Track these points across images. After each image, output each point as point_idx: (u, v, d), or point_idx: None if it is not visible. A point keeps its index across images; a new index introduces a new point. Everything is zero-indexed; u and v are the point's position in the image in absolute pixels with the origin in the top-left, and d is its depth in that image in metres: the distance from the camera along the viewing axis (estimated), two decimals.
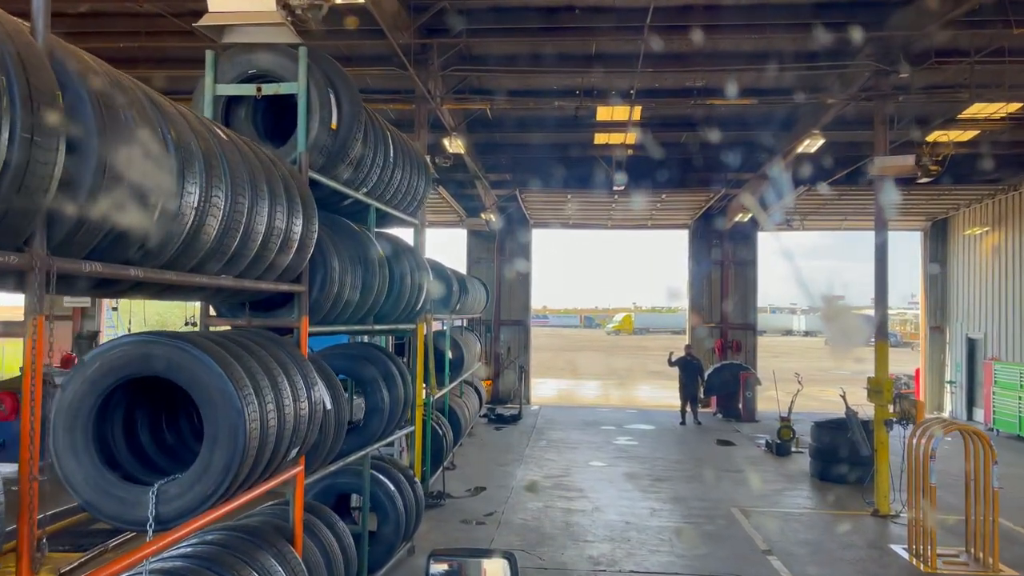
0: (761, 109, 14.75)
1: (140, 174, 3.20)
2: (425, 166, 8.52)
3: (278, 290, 5.06)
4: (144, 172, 3.24)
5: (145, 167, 3.25)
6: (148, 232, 3.40)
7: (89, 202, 2.94)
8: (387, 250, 7.36)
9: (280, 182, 4.77)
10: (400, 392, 7.53)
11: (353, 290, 6.25)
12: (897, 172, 10.77)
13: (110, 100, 3.13)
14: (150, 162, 3.30)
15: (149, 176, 3.30)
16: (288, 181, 4.97)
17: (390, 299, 7.32)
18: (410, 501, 7.96)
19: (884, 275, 11.34)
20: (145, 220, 3.34)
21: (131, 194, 3.17)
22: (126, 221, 3.19)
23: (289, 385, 4.88)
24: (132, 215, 3.21)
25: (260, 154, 4.77)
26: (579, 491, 11.89)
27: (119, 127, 3.13)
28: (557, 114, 15.45)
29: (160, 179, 3.44)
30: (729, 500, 11.47)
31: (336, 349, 7.57)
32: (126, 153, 3.09)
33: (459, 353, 14.69)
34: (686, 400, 19.57)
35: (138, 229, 3.31)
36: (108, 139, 3.02)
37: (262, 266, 4.65)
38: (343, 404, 5.99)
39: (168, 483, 4.17)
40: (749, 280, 22.90)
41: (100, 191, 2.98)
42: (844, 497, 11.68)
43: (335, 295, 5.91)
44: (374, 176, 6.87)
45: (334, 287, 5.86)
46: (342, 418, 6.02)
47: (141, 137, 3.25)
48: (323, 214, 6.77)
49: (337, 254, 5.97)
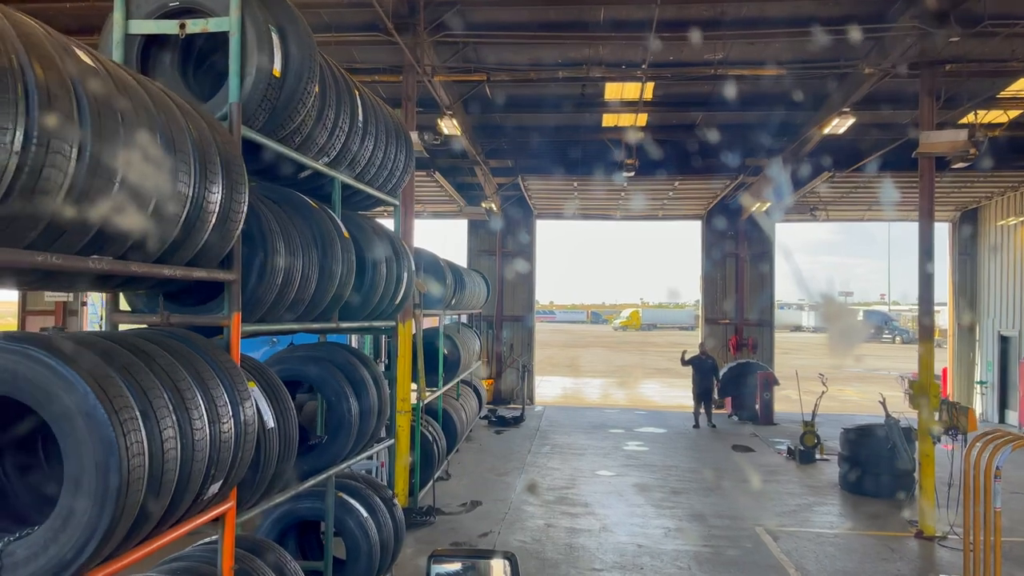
0: (785, 86, 13.47)
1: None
2: (406, 137, 7.33)
3: (190, 277, 3.89)
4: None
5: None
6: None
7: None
8: (357, 233, 6.19)
9: (187, 134, 3.59)
10: (373, 401, 6.36)
11: (306, 280, 5.08)
12: (947, 150, 9.53)
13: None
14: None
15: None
16: (204, 135, 3.80)
17: (361, 291, 6.16)
18: (387, 528, 6.80)
19: (928, 269, 10.09)
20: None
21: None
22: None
23: (205, 402, 3.73)
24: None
25: (160, 100, 3.59)
26: (585, 506, 10.71)
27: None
28: (562, 92, 14.26)
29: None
30: (753, 517, 10.28)
31: (296, 351, 6.41)
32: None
33: (455, 352, 13.52)
34: (700, 402, 18.33)
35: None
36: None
37: (160, 245, 3.48)
38: (292, 420, 4.83)
39: (15, 542, 3.02)
40: (765, 274, 21.63)
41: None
42: (881, 514, 10.47)
43: (280, 285, 4.73)
44: (337, 142, 5.69)
45: (278, 275, 4.68)
46: (291, 436, 4.85)
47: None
48: (271, 187, 5.64)
49: (284, 235, 4.80)
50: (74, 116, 2.73)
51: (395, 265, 6.69)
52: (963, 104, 12.83)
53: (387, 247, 6.69)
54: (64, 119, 2.66)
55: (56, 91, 2.65)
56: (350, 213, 6.45)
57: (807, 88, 13.89)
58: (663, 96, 14.27)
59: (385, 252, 6.53)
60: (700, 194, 20.19)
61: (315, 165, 5.44)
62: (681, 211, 22.85)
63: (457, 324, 16.12)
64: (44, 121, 2.56)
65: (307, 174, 5.75)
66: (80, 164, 2.76)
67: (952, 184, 18.22)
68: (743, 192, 19.41)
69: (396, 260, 6.79)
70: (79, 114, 2.77)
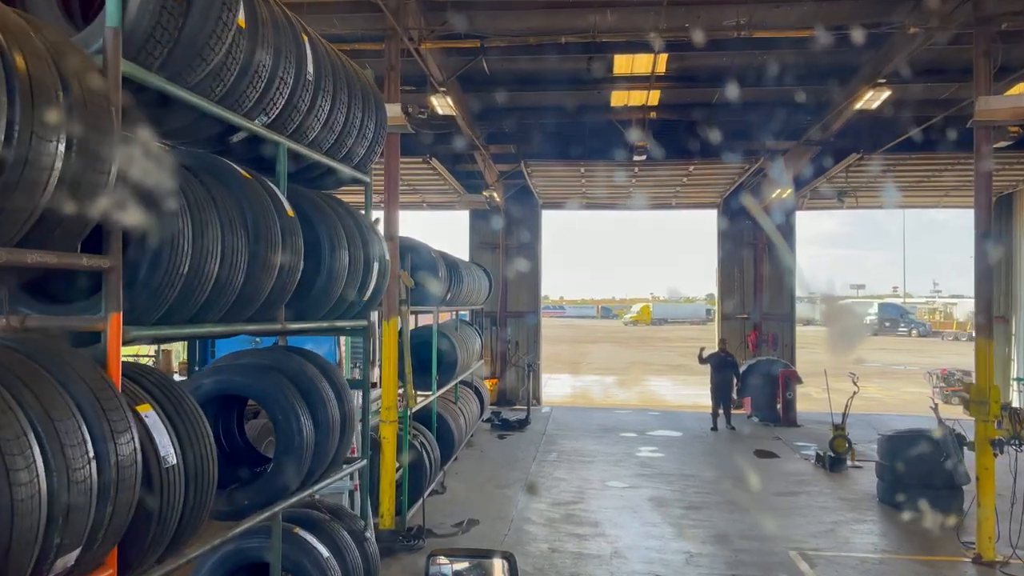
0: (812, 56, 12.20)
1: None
2: (378, 103, 6.17)
3: (21, 262, 2.74)
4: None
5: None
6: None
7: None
8: (311, 213, 5.04)
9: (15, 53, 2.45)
10: (333, 417, 5.22)
11: (232, 268, 3.94)
12: (1009, 117, 8.27)
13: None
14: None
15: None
16: (42, 66, 2.66)
17: (316, 284, 5.02)
18: (356, 569, 5.67)
19: (987, 256, 8.84)
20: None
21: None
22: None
23: (42, 442, 2.61)
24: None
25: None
26: (594, 525, 9.55)
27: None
28: (566, 68, 13.06)
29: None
30: (784, 538, 9.09)
31: (238, 357, 5.27)
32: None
33: (452, 352, 12.38)
34: (719, 403, 17.07)
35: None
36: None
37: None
38: (206, 452, 3.69)
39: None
40: (786, 265, 20.35)
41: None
42: (931, 534, 9.26)
43: (186, 275, 3.59)
44: (279, 98, 4.54)
45: (182, 262, 3.53)
46: (206, 473, 3.72)
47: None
48: (192, 153, 4.51)
49: (193, 210, 3.65)
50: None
51: (361, 252, 5.54)
52: (1013, 73, 11.53)
53: (353, 231, 5.54)
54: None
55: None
56: (302, 189, 5.30)
57: (836, 60, 12.64)
58: (678, 70, 13.04)
59: (348, 237, 5.39)
60: (716, 180, 18.93)
61: (241, 121, 4.28)
62: (695, 199, 21.57)
63: (456, 322, 14.98)
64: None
65: (241, 137, 4.60)
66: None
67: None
68: (763, 177, 18.17)
69: (364, 246, 5.64)
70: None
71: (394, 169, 9.10)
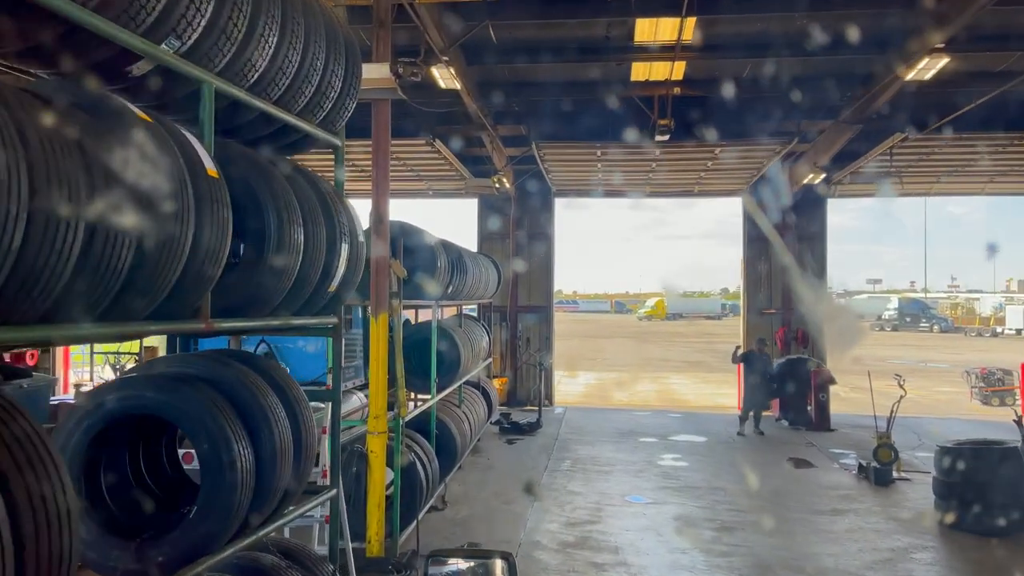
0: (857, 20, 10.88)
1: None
2: (351, 49, 4.95)
3: None
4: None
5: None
6: None
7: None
8: (249, 174, 3.85)
9: None
10: (283, 442, 4.03)
11: (112, 247, 2.74)
12: None
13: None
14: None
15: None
16: None
17: (259, 269, 3.83)
18: None
19: None
20: None
21: None
22: None
23: None
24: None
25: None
26: (614, 551, 8.33)
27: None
28: (582, 35, 11.81)
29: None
30: (835, 569, 7.84)
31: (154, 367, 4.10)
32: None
33: (454, 351, 11.18)
34: (751, 406, 15.66)
35: None
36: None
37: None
38: (69, 503, 2.51)
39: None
40: (817, 257, 18.97)
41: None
42: (1006, 563, 7.98)
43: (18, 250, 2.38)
44: (197, 21, 3.34)
45: (13, 238, 2.33)
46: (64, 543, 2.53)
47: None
48: (60, 86, 3.31)
49: (50, 162, 2.45)
50: None
51: (323, 229, 4.34)
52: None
53: (312, 201, 4.34)
54: None
55: None
56: (238, 145, 4.10)
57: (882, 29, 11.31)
58: (706, 37, 11.73)
59: (305, 209, 4.19)
60: (743, 164, 17.57)
61: (131, 39, 3.07)
62: (720, 186, 20.18)
63: (460, 318, 13.78)
64: None
65: (144, 69, 3.40)
66: None
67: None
68: (795, 160, 16.82)
69: (328, 222, 4.44)
70: None
71: (384, 142, 7.90)
